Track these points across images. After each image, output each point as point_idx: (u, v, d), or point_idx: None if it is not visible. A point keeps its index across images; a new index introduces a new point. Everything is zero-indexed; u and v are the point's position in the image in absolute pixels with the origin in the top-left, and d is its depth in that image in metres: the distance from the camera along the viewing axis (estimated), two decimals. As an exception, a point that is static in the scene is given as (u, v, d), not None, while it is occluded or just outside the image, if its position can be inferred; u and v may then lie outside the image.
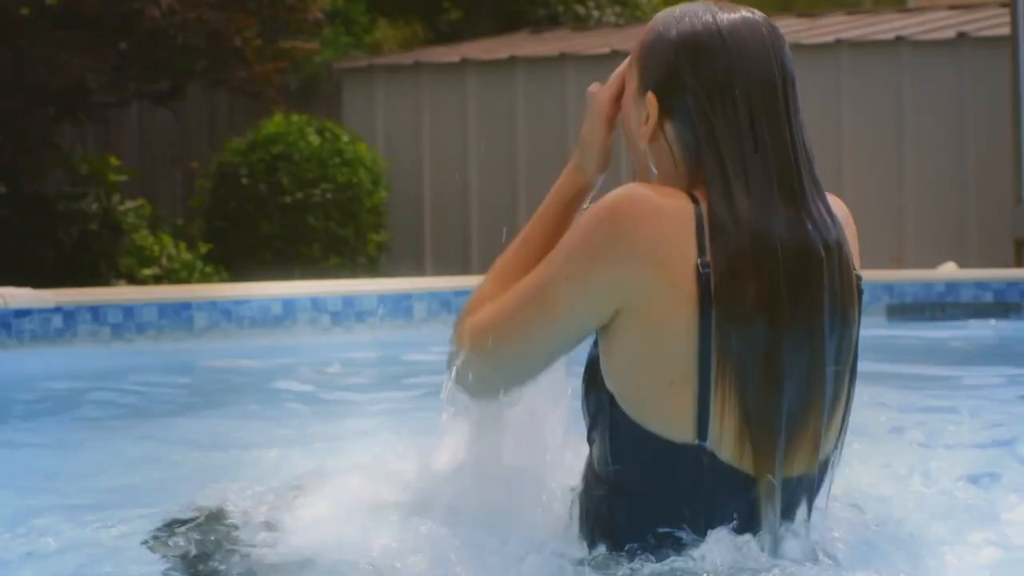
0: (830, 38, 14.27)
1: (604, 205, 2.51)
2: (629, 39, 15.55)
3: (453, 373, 2.68)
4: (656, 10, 19.68)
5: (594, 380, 2.58)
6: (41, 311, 7.53)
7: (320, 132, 14.01)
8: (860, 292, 2.64)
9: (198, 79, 12.41)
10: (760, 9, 2.75)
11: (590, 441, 2.62)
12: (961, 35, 13.72)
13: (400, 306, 8.42)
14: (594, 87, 2.77)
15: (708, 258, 2.45)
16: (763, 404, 2.47)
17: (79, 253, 12.13)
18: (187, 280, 12.37)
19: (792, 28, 15.35)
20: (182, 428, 5.41)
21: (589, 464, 2.62)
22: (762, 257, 2.47)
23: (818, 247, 2.53)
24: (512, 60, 15.08)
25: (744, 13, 2.63)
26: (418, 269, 14.59)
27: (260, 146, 13.84)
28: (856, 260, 2.68)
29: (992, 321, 8.87)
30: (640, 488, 2.52)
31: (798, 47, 14.24)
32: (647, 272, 2.46)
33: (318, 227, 13.70)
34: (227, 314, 8.02)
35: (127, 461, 4.60)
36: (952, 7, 15.75)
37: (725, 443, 2.48)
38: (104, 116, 12.55)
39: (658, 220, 2.47)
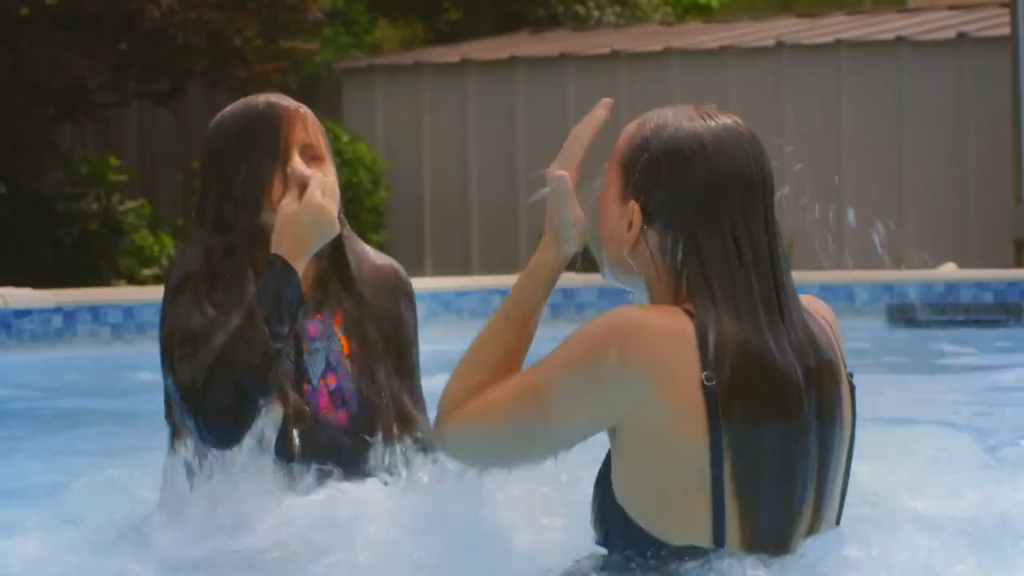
0: (830, 38, 14.27)
1: (608, 325, 2.55)
2: (629, 39, 15.56)
3: (440, 452, 2.76)
4: (656, 10, 19.68)
5: (605, 496, 2.63)
6: (41, 311, 7.54)
7: (320, 132, 14.01)
8: (853, 389, 2.70)
9: (198, 79, 12.41)
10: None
11: (608, 551, 2.65)
12: (961, 35, 13.73)
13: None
14: (552, 170, 2.76)
15: (712, 371, 2.52)
16: (772, 509, 2.56)
17: (79, 253, 12.14)
18: (187, 280, 12.36)
19: (792, 28, 15.36)
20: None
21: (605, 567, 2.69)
22: (753, 376, 2.54)
23: (798, 373, 2.59)
24: (512, 60, 15.08)
25: (726, 121, 2.66)
26: (418, 269, 14.58)
27: (260, 146, 13.83)
28: (840, 355, 2.72)
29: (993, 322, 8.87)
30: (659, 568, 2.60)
31: (798, 47, 14.25)
32: (652, 393, 2.52)
33: (318, 227, 13.70)
34: (227, 314, 8.01)
35: (127, 460, 4.60)
36: (952, 7, 15.76)
37: (740, 545, 2.56)
38: (104, 116, 12.56)
39: (660, 340, 2.52)
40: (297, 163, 3.14)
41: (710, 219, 2.59)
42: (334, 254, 3.22)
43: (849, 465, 2.69)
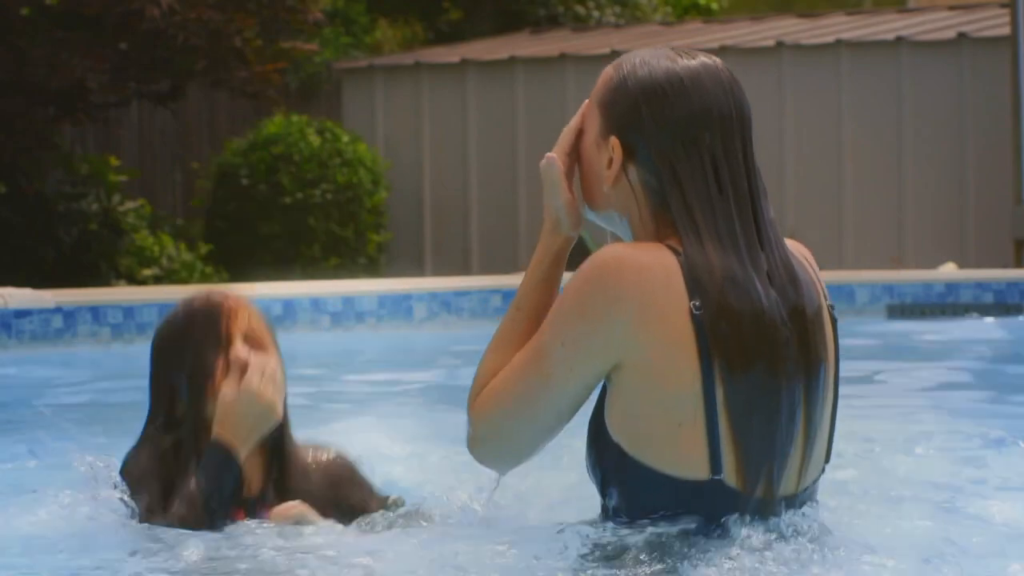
0: (830, 38, 14.27)
1: (591, 267, 2.61)
2: (629, 39, 15.55)
3: (469, 448, 2.78)
4: (656, 11, 19.67)
5: (600, 437, 2.66)
6: (41, 311, 7.54)
7: (320, 132, 14.02)
8: (834, 322, 2.74)
9: (198, 79, 12.41)
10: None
11: (606, 496, 2.68)
12: (961, 35, 13.72)
13: (400, 306, 8.42)
14: (548, 156, 2.82)
15: (700, 300, 2.56)
16: (764, 440, 2.59)
17: (79, 253, 12.14)
18: (187, 280, 12.38)
19: (792, 28, 15.35)
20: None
21: (606, 518, 2.69)
22: (739, 307, 2.59)
23: (781, 309, 2.62)
24: (512, 60, 15.08)
25: (703, 59, 2.72)
26: (418, 269, 14.59)
27: (260, 147, 13.84)
28: (821, 291, 2.75)
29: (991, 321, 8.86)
30: (660, 527, 2.61)
31: (798, 47, 14.24)
32: (640, 325, 2.57)
33: (318, 228, 13.70)
34: (227, 314, 7.99)
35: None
36: (952, 7, 15.75)
37: (736, 474, 2.59)
38: (104, 116, 12.56)
39: (644, 274, 2.57)
40: (239, 349, 3.16)
41: (690, 152, 2.64)
42: (274, 449, 3.22)
43: (835, 403, 2.73)
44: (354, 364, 7.49)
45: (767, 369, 2.58)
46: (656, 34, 16.12)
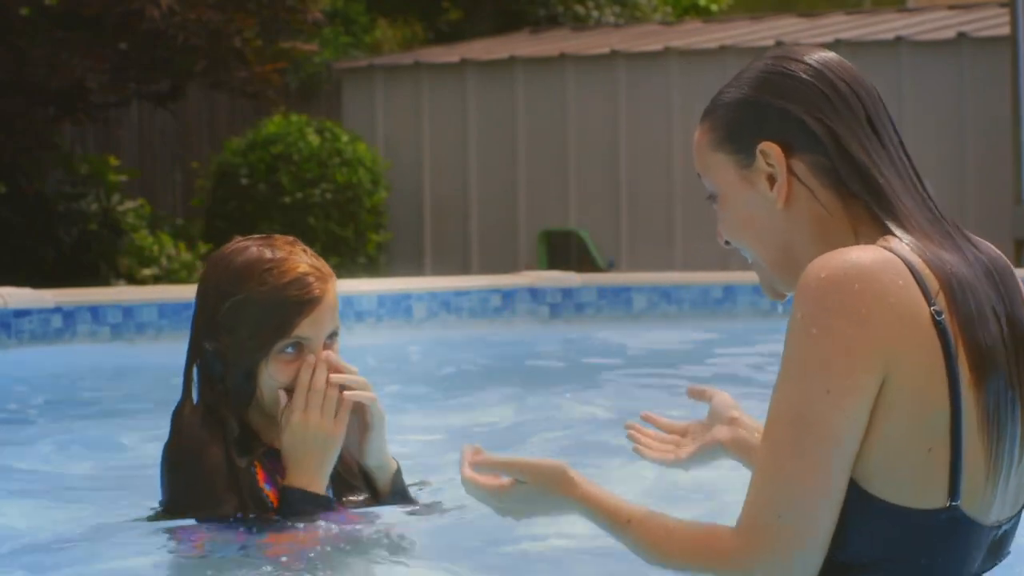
0: (830, 38, 14.27)
1: (812, 289, 2.26)
2: (628, 39, 15.55)
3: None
4: (656, 10, 19.67)
5: None
6: (41, 311, 7.53)
7: (320, 132, 14.02)
8: None
9: (198, 79, 12.42)
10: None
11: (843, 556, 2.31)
12: (961, 35, 13.73)
13: (400, 306, 8.43)
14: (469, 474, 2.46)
15: (937, 304, 2.26)
16: (1000, 453, 2.32)
17: (79, 253, 12.14)
18: (187, 280, 12.38)
19: (792, 28, 15.36)
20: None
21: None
22: (973, 306, 2.30)
23: (992, 297, 2.35)
24: (512, 60, 15.08)
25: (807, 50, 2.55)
26: (418, 269, 14.59)
27: (260, 146, 13.85)
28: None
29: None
30: (884, 564, 2.31)
31: (798, 47, 14.24)
32: (899, 333, 2.23)
33: (318, 227, 13.71)
34: (227, 314, 7.99)
35: (127, 460, 4.61)
36: (952, 7, 15.76)
37: (973, 497, 2.31)
38: (104, 116, 12.56)
39: (875, 269, 2.25)
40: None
41: (841, 112, 2.41)
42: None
43: None
44: (354, 363, 7.47)
45: (1005, 377, 2.29)
46: (656, 34, 16.12)
